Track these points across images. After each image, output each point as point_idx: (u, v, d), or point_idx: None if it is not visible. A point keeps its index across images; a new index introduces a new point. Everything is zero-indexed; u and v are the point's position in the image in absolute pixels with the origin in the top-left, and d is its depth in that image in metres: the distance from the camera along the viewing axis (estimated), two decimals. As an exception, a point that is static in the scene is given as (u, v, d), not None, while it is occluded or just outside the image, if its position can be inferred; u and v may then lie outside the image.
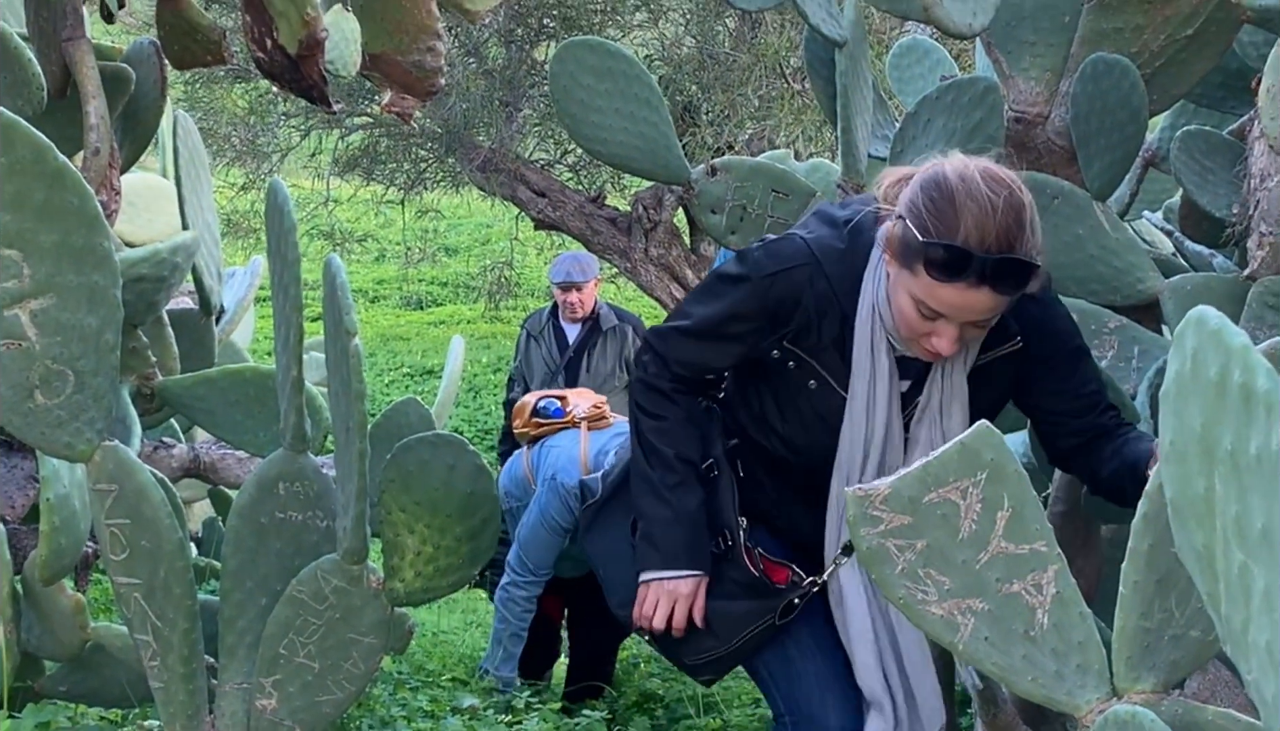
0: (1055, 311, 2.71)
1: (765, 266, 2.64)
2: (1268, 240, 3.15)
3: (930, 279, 2.46)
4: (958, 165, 2.48)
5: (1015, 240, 2.43)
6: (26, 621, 3.14)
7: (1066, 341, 2.72)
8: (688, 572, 2.72)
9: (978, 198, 2.43)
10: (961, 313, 2.48)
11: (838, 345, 2.64)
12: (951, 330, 2.50)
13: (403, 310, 18.62)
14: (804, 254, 2.63)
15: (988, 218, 2.42)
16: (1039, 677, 1.81)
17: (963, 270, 2.42)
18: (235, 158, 13.56)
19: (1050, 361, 2.69)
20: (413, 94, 3.61)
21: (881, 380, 2.64)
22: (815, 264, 2.62)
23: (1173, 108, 3.79)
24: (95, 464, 2.46)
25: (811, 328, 2.63)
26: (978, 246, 2.41)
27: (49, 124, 2.98)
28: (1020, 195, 2.46)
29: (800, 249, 2.64)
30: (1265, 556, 1.14)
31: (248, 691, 2.66)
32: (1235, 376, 1.15)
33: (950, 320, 2.49)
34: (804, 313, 2.62)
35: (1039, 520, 1.81)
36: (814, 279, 2.62)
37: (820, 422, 2.68)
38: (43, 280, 2.30)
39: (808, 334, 2.64)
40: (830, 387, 2.66)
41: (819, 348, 2.65)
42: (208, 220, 4.03)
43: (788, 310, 2.63)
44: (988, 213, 2.42)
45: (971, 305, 2.47)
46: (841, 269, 2.63)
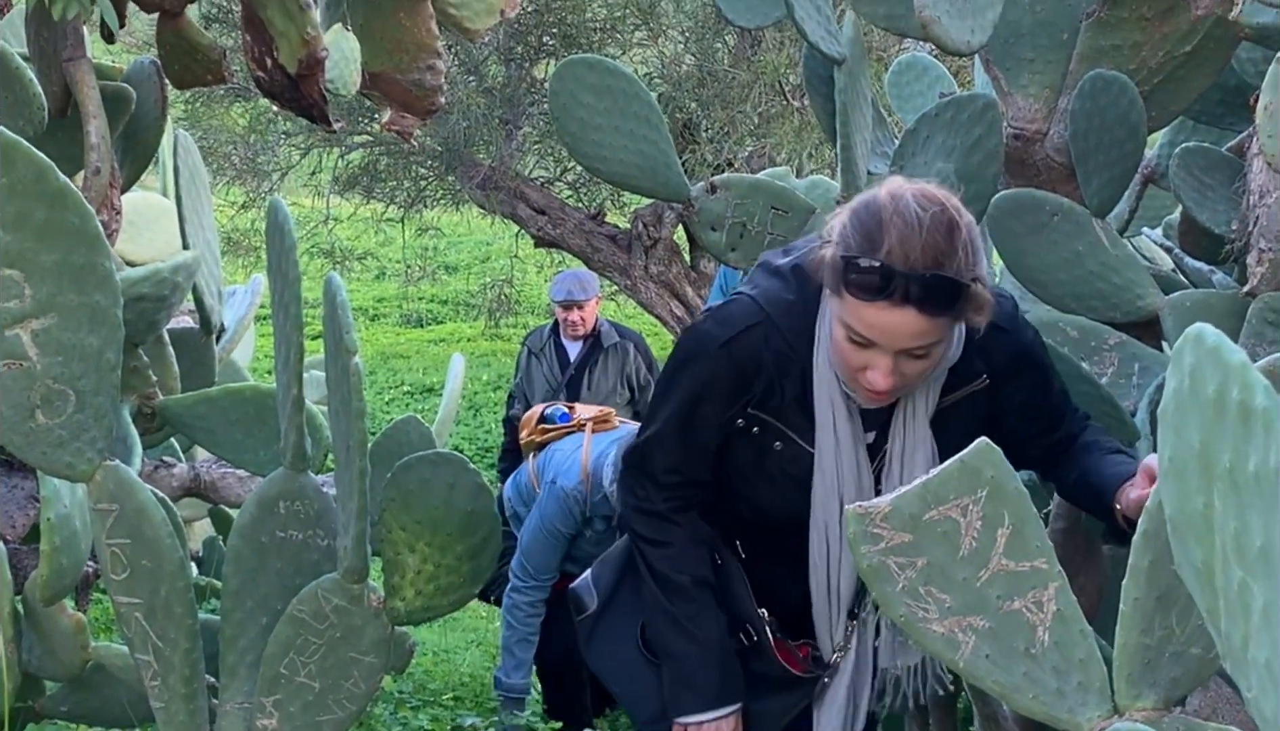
0: (1022, 338, 2.60)
1: (717, 336, 2.52)
2: (1267, 256, 3.15)
3: (854, 300, 2.34)
4: (893, 186, 2.38)
5: (944, 258, 2.30)
6: (27, 641, 3.14)
7: (1036, 368, 2.62)
8: (726, 710, 2.64)
9: (904, 214, 2.31)
10: (890, 337, 2.35)
11: (800, 402, 2.53)
12: (885, 361, 2.37)
13: (403, 328, 18.62)
14: (755, 312, 2.52)
15: (913, 234, 2.30)
16: (1040, 695, 1.81)
17: (883, 288, 2.30)
18: (235, 176, 13.57)
19: (1021, 390, 2.60)
20: (413, 112, 3.62)
21: (844, 431, 2.54)
22: (768, 321, 2.51)
23: (1171, 124, 3.79)
24: (96, 483, 2.46)
25: (774, 388, 2.53)
26: (901, 263, 2.29)
27: (50, 143, 2.99)
28: (953, 214, 2.34)
29: (750, 308, 2.53)
30: (1264, 573, 1.14)
31: (249, 711, 2.65)
32: (1233, 394, 1.15)
33: (882, 350, 2.37)
34: (766, 374, 2.52)
35: (1039, 537, 1.81)
36: (769, 337, 2.51)
37: (790, 481, 2.57)
38: (44, 300, 2.31)
39: (771, 395, 2.53)
40: (797, 446, 2.55)
41: (782, 407, 2.54)
42: (208, 239, 4.03)
43: (749, 376, 2.52)
44: (914, 229, 2.30)
45: (898, 328, 2.33)
46: (795, 321, 2.51)
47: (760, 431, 2.55)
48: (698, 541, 2.66)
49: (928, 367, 2.43)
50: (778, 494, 2.59)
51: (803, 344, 2.51)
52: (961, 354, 2.51)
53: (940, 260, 2.29)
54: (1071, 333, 3.40)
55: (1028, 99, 3.53)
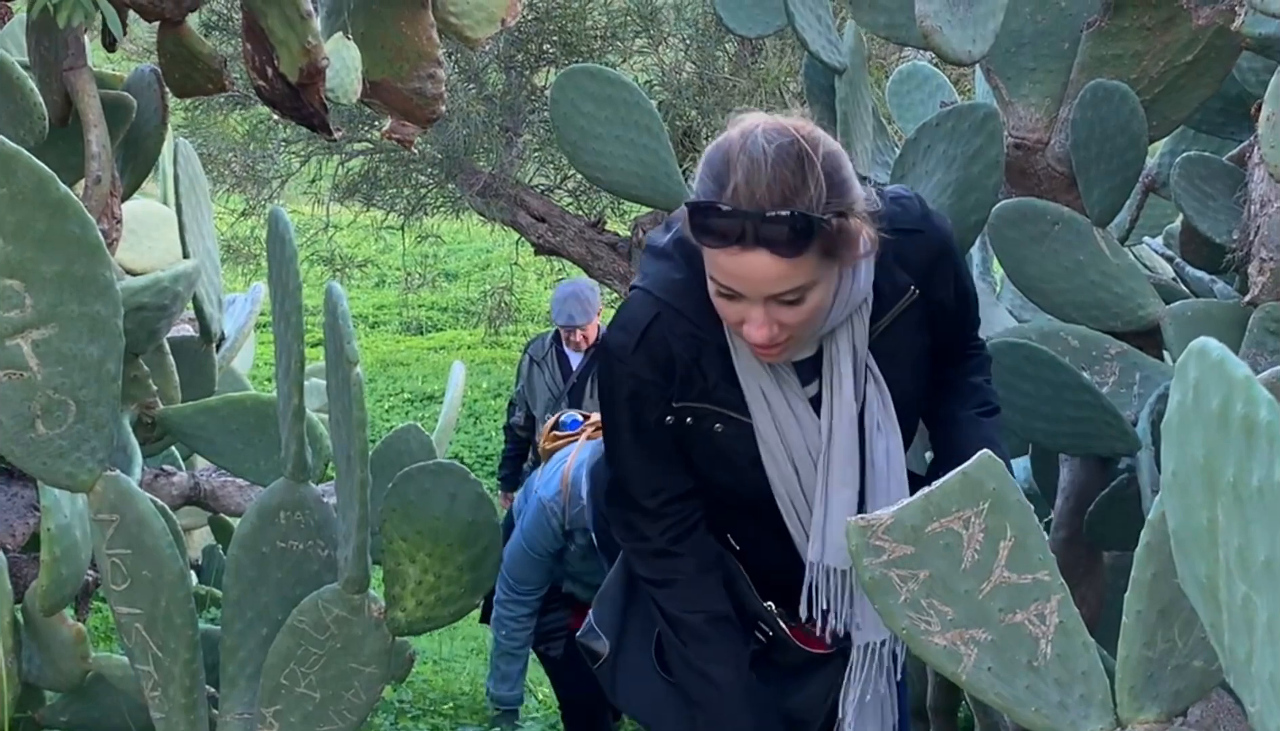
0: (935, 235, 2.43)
1: (625, 344, 2.39)
2: (1268, 266, 3.15)
3: (710, 249, 2.19)
4: (746, 121, 2.20)
5: (793, 194, 2.13)
6: (27, 651, 3.13)
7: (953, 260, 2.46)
8: None
9: (750, 151, 2.14)
10: (751, 285, 2.18)
11: (727, 377, 2.39)
12: (757, 312, 2.21)
13: (403, 335, 18.61)
14: (650, 305, 2.38)
15: (758, 171, 2.13)
16: (1042, 708, 1.80)
17: (729, 233, 2.15)
18: (235, 184, 13.57)
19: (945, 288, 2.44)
20: (413, 120, 3.63)
21: (775, 394, 2.39)
22: (665, 308, 2.37)
23: (1172, 133, 3.80)
24: (96, 493, 2.46)
25: (695, 374, 2.39)
26: (747, 202, 2.13)
27: (50, 152, 2.99)
28: (804, 145, 2.15)
29: (645, 302, 2.39)
30: (1268, 588, 1.13)
31: (249, 721, 2.65)
32: (1238, 408, 1.15)
33: (750, 299, 2.21)
34: (682, 363, 2.38)
35: (1042, 549, 1.81)
36: (672, 324, 2.37)
37: (745, 460, 2.44)
38: (45, 310, 2.30)
39: (693, 382, 2.39)
40: (737, 422, 2.41)
41: (710, 389, 2.40)
42: (208, 247, 4.03)
43: (670, 369, 2.38)
44: (759, 165, 2.13)
45: (755, 273, 2.17)
46: (691, 299, 2.35)
47: (695, 420, 2.42)
48: (705, 568, 2.53)
49: (811, 314, 2.26)
50: (739, 476, 2.46)
51: (707, 319, 2.35)
52: (881, 271, 2.36)
53: (788, 196, 2.14)
54: (1072, 342, 3.40)
55: (1029, 108, 3.53)
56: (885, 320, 2.40)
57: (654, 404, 2.40)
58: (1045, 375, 3.19)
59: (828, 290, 2.26)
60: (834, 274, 2.26)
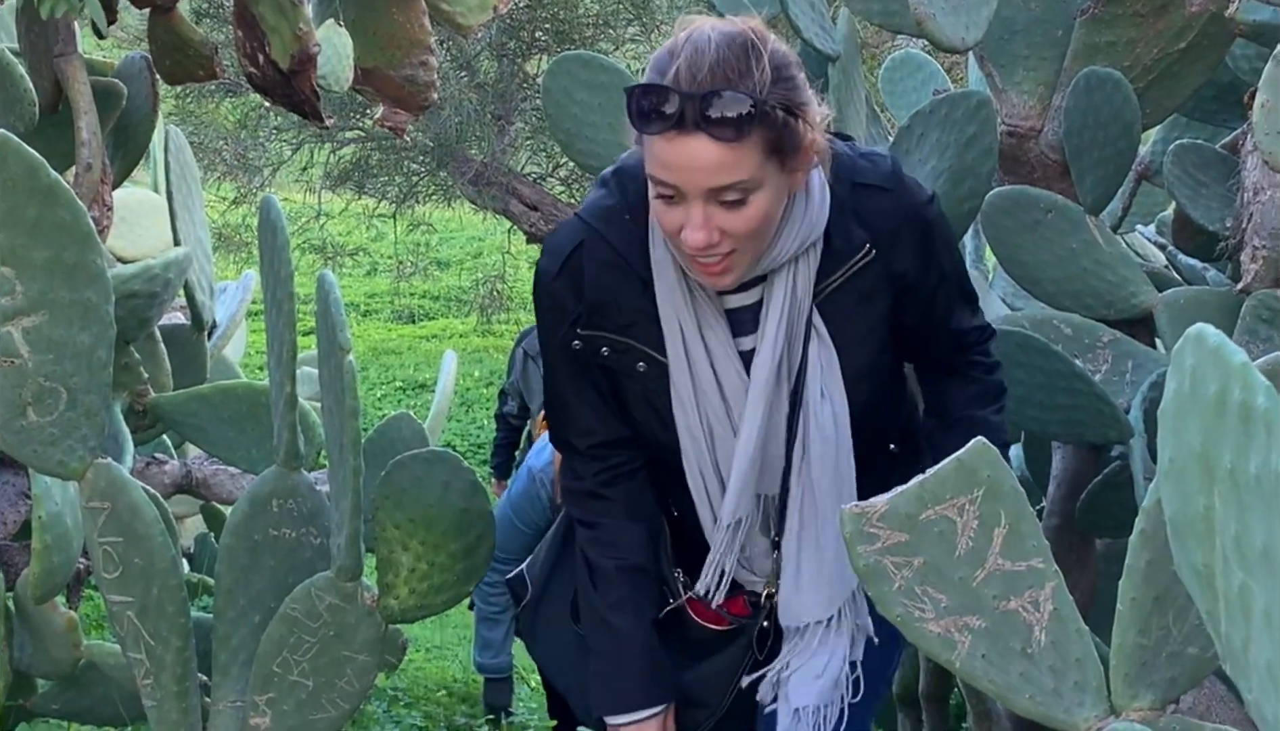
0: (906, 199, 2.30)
1: (549, 269, 2.33)
2: (1261, 254, 3.15)
3: (649, 140, 2.10)
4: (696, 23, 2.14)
5: (735, 76, 2.06)
6: (19, 639, 3.13)
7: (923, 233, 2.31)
8: (646, 712, 2.41)
9: (696, 41, 2.08)
10: (689, 175, 2.08)
11: (648, 313, 2.29)
12: (696, 211, 2.10)
13: (395, 324, 18.60)
14: (578, 230, 2.32)
15: (701, 56, 2.06)
16: (1036, 695, 1.80)
17: (667, 113, 2.05)
18: (227, 172, 13.55)
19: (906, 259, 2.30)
20: (405, 108, 3.61)
21: (694, 338, 2.28)
22: (591, 233, 2.30)
23: (1165, 121, 3.79)
24: (88, 481, 2.45)
25: (609, 305, 2.29)
26: (688, 86, 2.05)
27: (41, 140, 2.98)
28: (753, 37, 2.09)
29: (573, 227, 2.33)
30: (1265, 575, 1.13)
31: (241, 709, 2.64)
32: (1235, 395, 1.14)
33: (689, 198, 2.10)
34: (601, 292, 2.30)
35: (1036, 537, 1.81)
36: (595, 250, 2.29)
37: (668, 406, 2.34)
38: (35, 297, 2.30)
39: (606, 311, 2.30)
40: (659, 363, 2.31)
41: (625, 323, 2.30)
42: (199, 235, 4.02)
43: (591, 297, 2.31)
44: (702, 51, 2.07)
45: (694, 161, 2.07)
46: (619, 228, 2.29)
47: (616, 355, 2.32)
48: (634, 517, 2.42)
49: (755, 224, 2.14)
50: (665, 425, 2.36)
51: (633, 250, 2.29)
52: (836, 223, 2.26)
53: (730, 78, 2.06)
54: (1065, 330, 3.40)
55: (1022, 96, 3.52)
56: (836, 278, 2.29)
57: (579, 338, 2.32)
58: (1038, 363, 3.19)
59: (773, 200, 2.16)
60: (781, 184, 2.16)
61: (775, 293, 2.28)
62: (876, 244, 2.28)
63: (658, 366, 2.32)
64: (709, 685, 2.51)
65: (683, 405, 2.32)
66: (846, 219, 2.27)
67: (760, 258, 2.23)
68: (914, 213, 2.31)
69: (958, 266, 2.44)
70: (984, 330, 2.49)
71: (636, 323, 2.31)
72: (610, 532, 2.43)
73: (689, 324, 2.29)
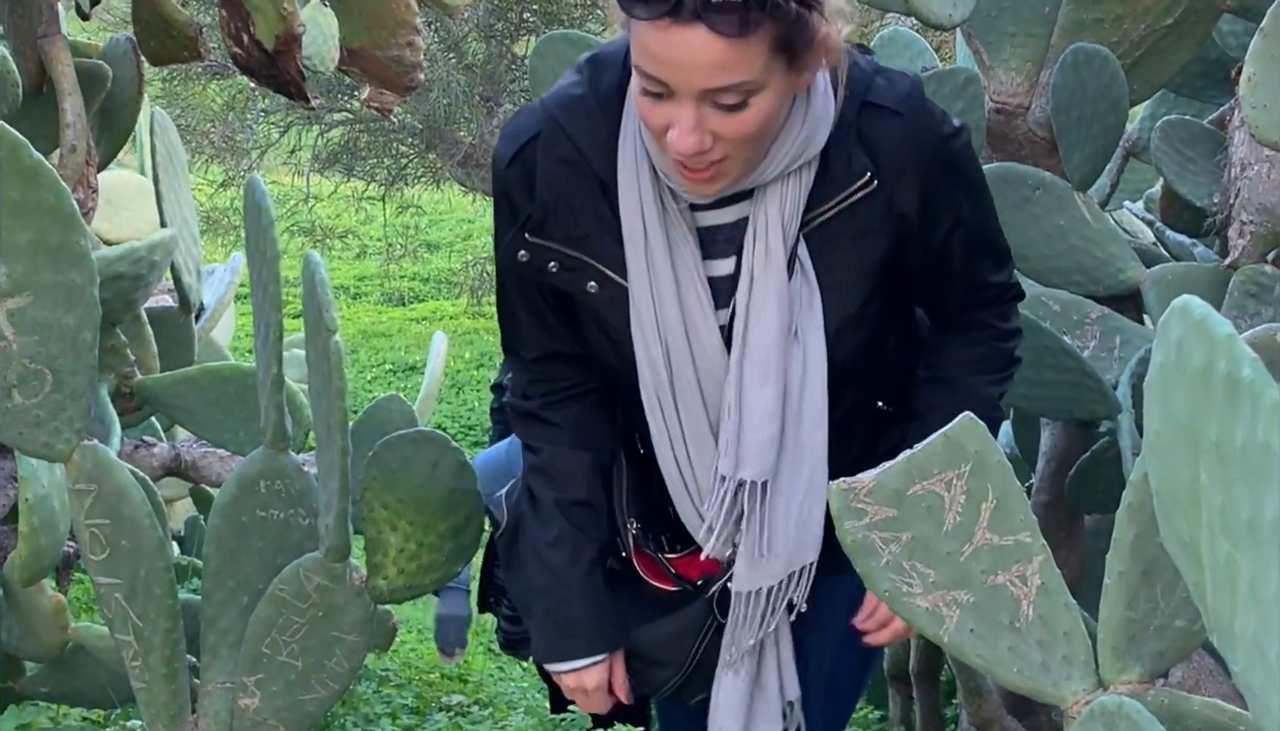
0: (922, 127, 2.02)
1: (503, 155, 2.08)
2: (1248, 229, 3.15)
3: (640, 28, 1.86)
4: None
5: None
6: (7, 622, 3.13)
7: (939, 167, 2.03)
8: (587, 660, 2.22)
9: None
10: (684, 72, 1.83)
11: (606, 224, 2.04)
12: (687, 112, 1.85)
13: (384, 306, 18.59)
14: (537, 118, 2.06)
15: None
16: (1024, 669, 1.80)
17: None
18: (214, 154, 13.55)
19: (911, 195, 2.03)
20: (391, 89, 3.60)
21: (661, 254, 2.03)
22: (551, 124, 2.04)
23: (1153, 97, 3.79)
24: (74, 463, 2.45)
25: (560, 209, 2.04)
26: None
27: (25, 121, 2.97)
28: None
29: (533, 113, 2.07)
30: (1251, 547, 1.13)
31: (230, 690, 2.64)
32: (1220, 367, 1.14)
33: (682, 98, 1.86)
34: (548, 189, 2.04)
35: (1023, 511, 1.81)
36: (552, 142, 2.04)
37: (625, 334, 2.10)
38: (19, 279, 2.29)
39: (556, 216, 2.05)
40: (614, 284, 2.07)
41: (579, 235, 2.05)
42: (186, 217, 4.01)
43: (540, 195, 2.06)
44: None
45: (689, 56, 1.82)
46: (583, 121, 2.03)
47: (568, 274, 2.08)
48: (580, 446, 2.20)
49: (753, 131, 1.90)
50: (623, 355, 2.12)
51: (596, 148, 2.03)
52: (836, 145, 2.00)
53: None
54: (1053, 307, 3.40)
55: (1010, 73, 3.52)
56: (829, 208, 2.02)
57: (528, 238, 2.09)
58: (1026, 340, 3.17)
59: (776, 105, 1.90)
60: (785, 87, 1.91)
61: (770, 213, 2.01)
62: (880, 174, 2.01)
63: (612, 287, 2.07)
64: (671, 644, 2.28)
65: (643, 332, 2.07)
66: (849, 142, 2.00)
67: (751, 169, 1.98)
68: (929, 145, 2.04)
69: (982, 212, 2.15)
70: (1006, 288, 2.22)
71: (591, 234, 2.06)
72: (552, 461, 2.20)
73: (656, 239, 2.03)
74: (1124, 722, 1.62)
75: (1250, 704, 1.17)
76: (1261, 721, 1.14)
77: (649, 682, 2.30)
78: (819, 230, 2.04)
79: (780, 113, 1.93)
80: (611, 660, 2.25)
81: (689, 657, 2.28)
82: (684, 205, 2.04)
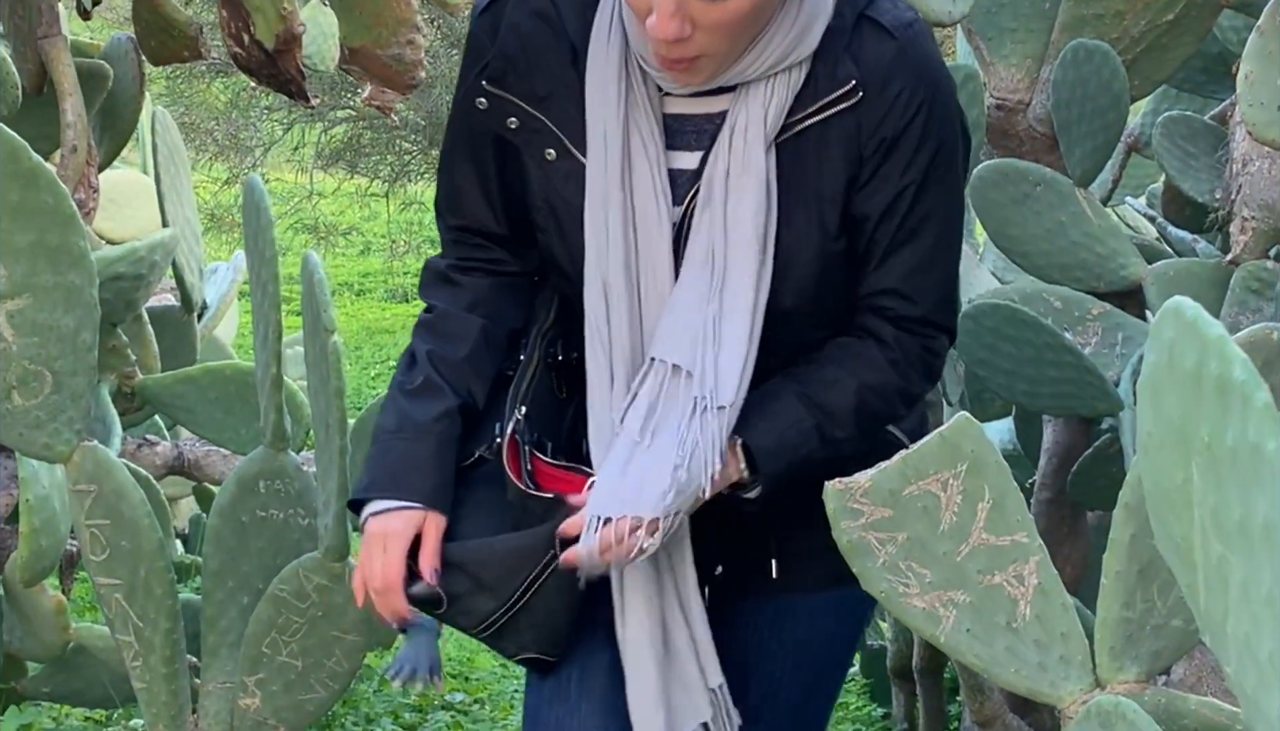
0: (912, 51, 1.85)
1: (480, 2, 1.93)
2: (1250, 225, 3.15)
3: None
4: None
5: None
6: (8, 622, 3.13)
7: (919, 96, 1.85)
8: (399, 503, 1.89)
9: None
10: None
11: (571, 91, 1.88)
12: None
13: (388, 303, 18.57)
14: None
15: None
16: (1022, 669, 1.80)
17: None
18: (218, 152, 13.55)
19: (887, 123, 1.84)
20: (393, 87, 3.61)
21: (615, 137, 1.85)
22: None
23: (1154, 93, 3.79)
24: (74, 464, 2.45)
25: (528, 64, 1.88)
26: None
27: (26, 122, 2.98)
28: None
29: None
30: (1242, 548, 1.13)
31: (231, 690, 2.64)
32: (1212, 367, 1.14)
33: None
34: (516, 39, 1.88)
35: (1020, 511, 1.81)
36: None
37: (572, 214, 1.90)
38: (18, 281, 2.29)
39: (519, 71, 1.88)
40: (573, 157, 1.89)
41: (543, 96, 1.89)
42: (188, 216, 4.02)
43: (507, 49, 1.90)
44: None
45: None
46: None
47: (527, 135, 1.90)
48: (476, 310, 1.98)
49: (736, 21, 1.76)
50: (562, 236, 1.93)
51: (573, 7, 1.89)
52: (824, 52, 1.84)
53: None
54: (1055, 303, 3.40)
55: (1010, 69, 3.51)
56: (807, 114, 1.86)
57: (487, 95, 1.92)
58: (1027, 336, 3.18)
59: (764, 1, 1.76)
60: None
61: (753, 111, 1.84)
62: (865, 88, 1.84)
63: (568, 161, 1.90)
64: (500, 565, 1.89)
65: (594, 213, 1.87)
66: (838, 50, 1.84)
67: (731, 64, 1.83)
68: (919, 74, 1.86)
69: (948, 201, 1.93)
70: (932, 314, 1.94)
71: (554, 96, 1.89)
72: (442, 318, 1.99)
73: (619, 116, 1.86)
74: (1121, 722, 1.62)
75: (1243, 705, 1.17)
76: (1254, 723, 1.14)
77: (467, 610, 1.91)
78: (791, 142, 1.86)
79: (768, 6, 1.78)
80: (428, 520, 1.90)
81: (516, 590, 1.88)
82: (653, 89, 1.88)
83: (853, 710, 5.02)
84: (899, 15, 1.87)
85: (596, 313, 1.89)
